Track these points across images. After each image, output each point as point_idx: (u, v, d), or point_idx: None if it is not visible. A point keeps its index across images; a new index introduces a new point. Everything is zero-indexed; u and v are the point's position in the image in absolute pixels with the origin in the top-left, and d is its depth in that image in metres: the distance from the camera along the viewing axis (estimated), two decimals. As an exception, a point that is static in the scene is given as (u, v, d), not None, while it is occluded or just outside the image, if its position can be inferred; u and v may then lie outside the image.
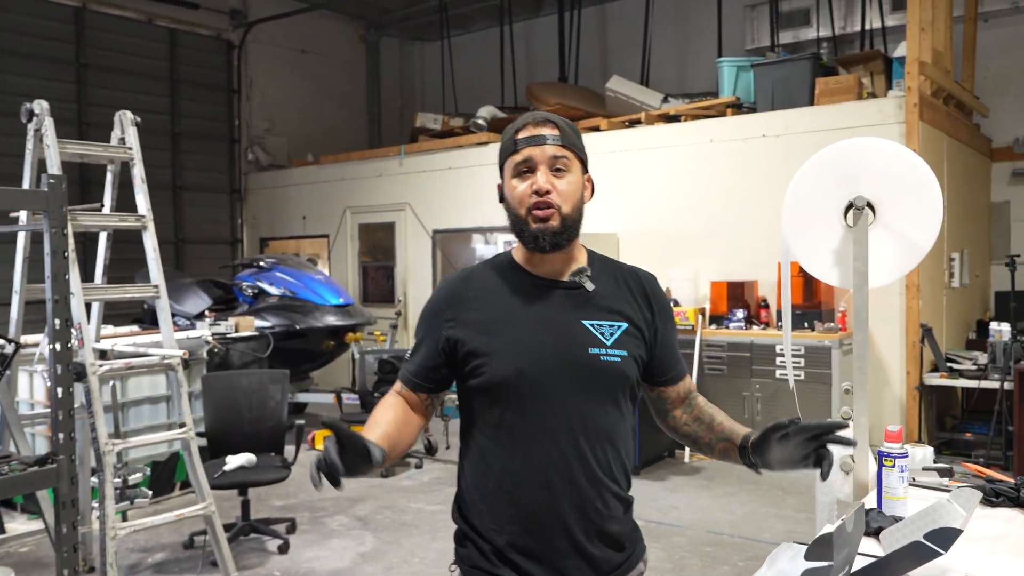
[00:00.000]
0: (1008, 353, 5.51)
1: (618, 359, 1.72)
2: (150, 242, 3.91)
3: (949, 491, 2.36)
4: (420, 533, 5.16)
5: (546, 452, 1.68)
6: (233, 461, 4.79)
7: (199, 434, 4.29)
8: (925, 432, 6.24)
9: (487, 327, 1.73)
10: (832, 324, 6.44)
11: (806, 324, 6.46)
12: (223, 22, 10.93)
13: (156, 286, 3.88)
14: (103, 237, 4.14)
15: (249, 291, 7.87)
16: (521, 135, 1.73)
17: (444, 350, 1.77)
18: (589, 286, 1.76)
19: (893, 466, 2.10)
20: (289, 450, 5.05)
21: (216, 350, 6.22)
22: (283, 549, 4.88)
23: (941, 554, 1.44)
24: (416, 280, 9.51)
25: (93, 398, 3.48)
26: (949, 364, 6.32)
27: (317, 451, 4.95)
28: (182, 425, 3.80)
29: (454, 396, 6.27)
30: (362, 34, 12.56)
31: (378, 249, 10.04)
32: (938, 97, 6.68)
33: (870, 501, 2.30)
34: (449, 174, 9.13)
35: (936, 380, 6.21)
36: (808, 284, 6.61)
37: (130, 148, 3.99)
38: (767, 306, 6.87)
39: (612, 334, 1.73)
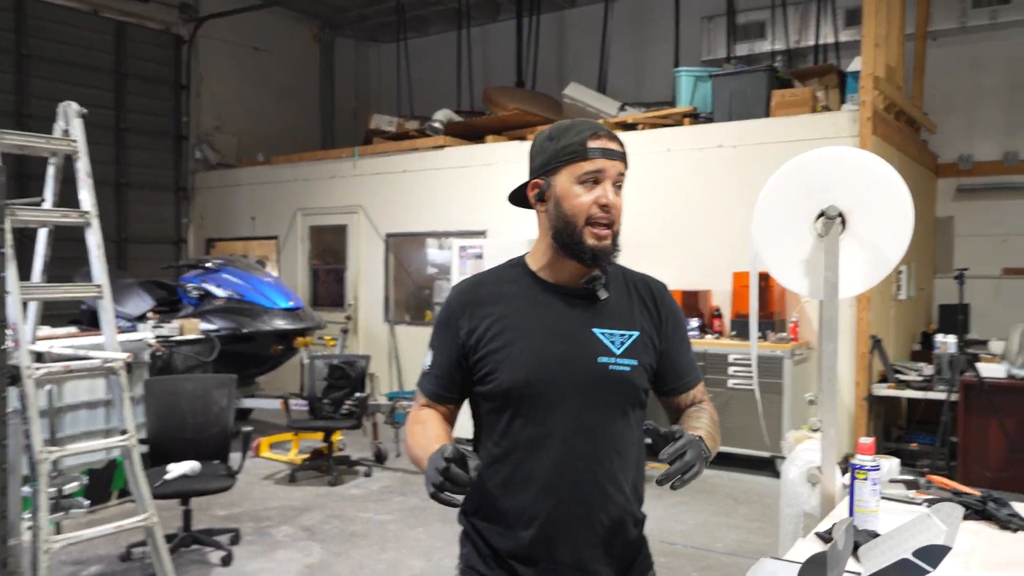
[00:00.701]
0: (954, 365, 5.60)
1: (627, 368, 1.72)
2: (94, 239, 3.73)
3: (917, 503, 2.35)
4: (369, 544, 5.03)
5: (551, 460, 1.68)
6: (175, 469, 4.61)
7: (140, 441, 4.10)
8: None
9: (498, 334, 1.72)
10: (784, 334, 6.48)
11: (759, 334, 6.48)
12: (172, 16, 10.64)
13: (99, 286, 3.70)
14: (43, 234, 3.94)
15: (194, 293, 7.63)
16: (594, 144, 1.68)
17: (460, 357, 1.75)
18: (603, 294, 1.74)
19: (866, 479, 2.07)
20: (235, 457, 4.88)
21: (159, 353, 6.01)
22: (226, 561, 4.71)
23: (929, 572, 1.40)
24: (368, 284, 9.35)
25: (28, 403, 3.28)
26: (896, 375, 6.41)
27: (263, 458, 4.83)
28: (123, 432, 3.61)
29: (405, 403, 6.14)
30: (316, 33, 12.35)
31: (329, 252, 9.85)
32: (890, 112, 6.79)
33: (840, 513, 2.27)
34: (404, 177, 9.00)
35: (884, 391, 6.30)
36: (761, 294, 6.64)
37: (74, 141, 3.80)
38: (720, 315, 6.89)
39: (623, 343, 1.73)
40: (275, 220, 10.12)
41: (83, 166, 3.84)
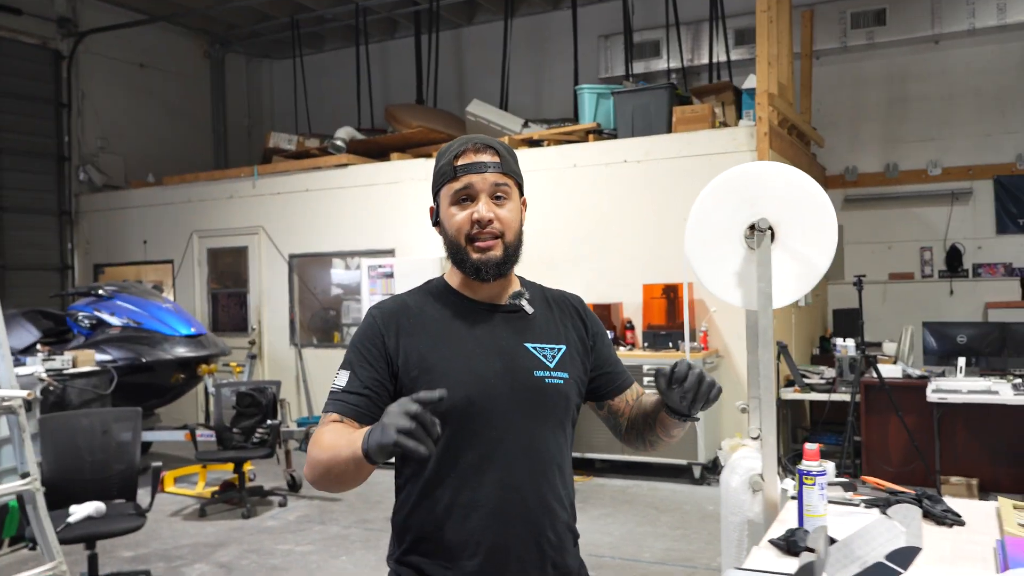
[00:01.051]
0: (857, 368, 5.87)
1: (561, 381, 1.70)
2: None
3: (855, 504, 2.43)
4: (291, 576, 4.85)
5: (496, 481, 1.62)
6: (79, 511, 4.31)
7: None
8: (782, 445, 6.54)
9: (430, 354, 1.65)
10: (695, 343, 6.65)
11: (670, 344, 6.64)
12: (50, 30, 10.10)
13: (-8, 319, 3.45)
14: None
15: (86, 322, 7.23)
16: (461, 161, 1.66)
17: (391, 374, 1.65)
18: (529, 309, 1.74)
19: (813, 484, 2.11)
20: (142, 495, 4.62)
21: (51, 388, 5.65)
22: (138, 605, 4.45)
23: (901, 574, 1.44)
24: (272, 307, 9.07)
25: (-83, 449, 3.02)
26: (802, 379, 6.66)
27: (168, 493, 4.58)
28: (25, 475, 3.36)
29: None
30: (206, 49, 11.96)
31: (229, 275, 9.52)
32: (783, 127, 7.10)
33: (785, 519, 2.32)
34: (306, 196, 8.80)
35: (791, 395, 6.54)
36: (671, 305, 6.81)
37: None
38: (632, 327, 7.01)
39: (554, 356, 1.72)
40: (169, 243, 9.70)
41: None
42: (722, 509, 2.73)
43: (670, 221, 7.02)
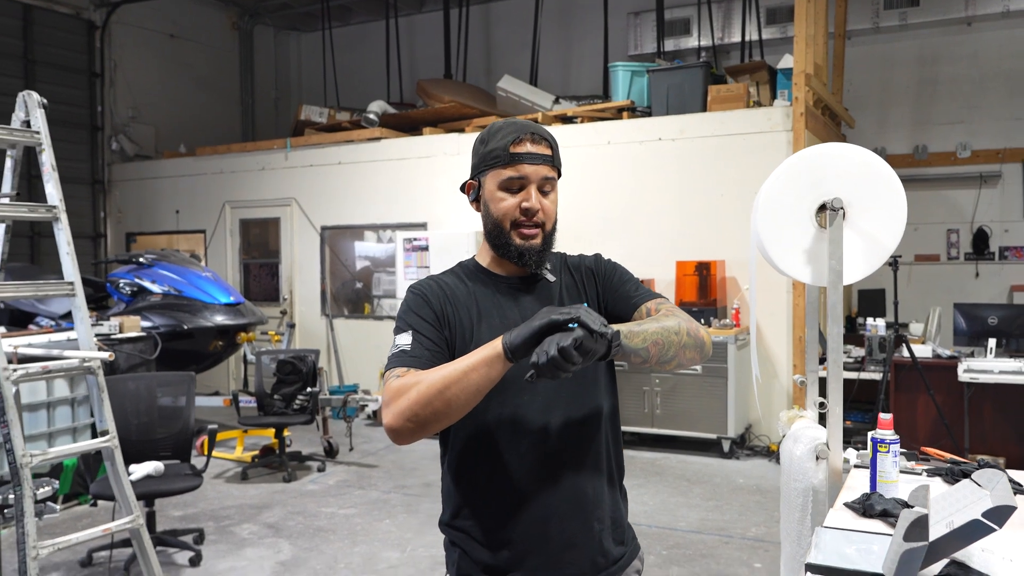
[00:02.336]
0: (888, 347, 5.97)
1: None
2: (63, 235, 3.60)
3: (918, 473, 2.56)
4: (339, 538, 5.01)
5: (533, 443, 1.69)
6: (138, 470, 4.49)
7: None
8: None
9: (466, 327, 1.73)
10: (727, 320, 6.76)
11: (702, 320, 6.75)
12: (83, 0, 10.16)
13: (71, 283, 3.58)
14: (0, 230, 3.77)
15: (127, 289, 7.36)
16: (517, 149, 1.70)
17: (445, 333, 1.71)
18: (550, 277, 1.81)
19: (888, 451, 2.24)
20: (200, 459, 4.78)
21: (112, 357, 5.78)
22: (195, 562, 4.62)
23: (996, 530, 1.55)
24: (303, 278, 9.21)
25: (7, 405, 3.16)
26: (830, 357, 6.76)
27: (205, 457, 4.75)
28: (104, 432, 3.51)
29: (357, 396, 6.15)
30: (235, 21, 12.01)
31: (261, 246, 9.65)
32: (817, 107, 7.15)
33: (852, 485, 2.45)
34: (339, 169, 8.90)
35: (822, 372, 6.63)
36: (703, 283, 6.91)
37: (37, 132, 3.66)
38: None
39: None
40: (201, 213, 9.83)
41: (48, 158, 3.71)
42: (783, 476, 2.84)
43: (704, 199, 7.12)
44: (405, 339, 1.67)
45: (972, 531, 1.58)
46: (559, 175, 1.79)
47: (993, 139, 8.53)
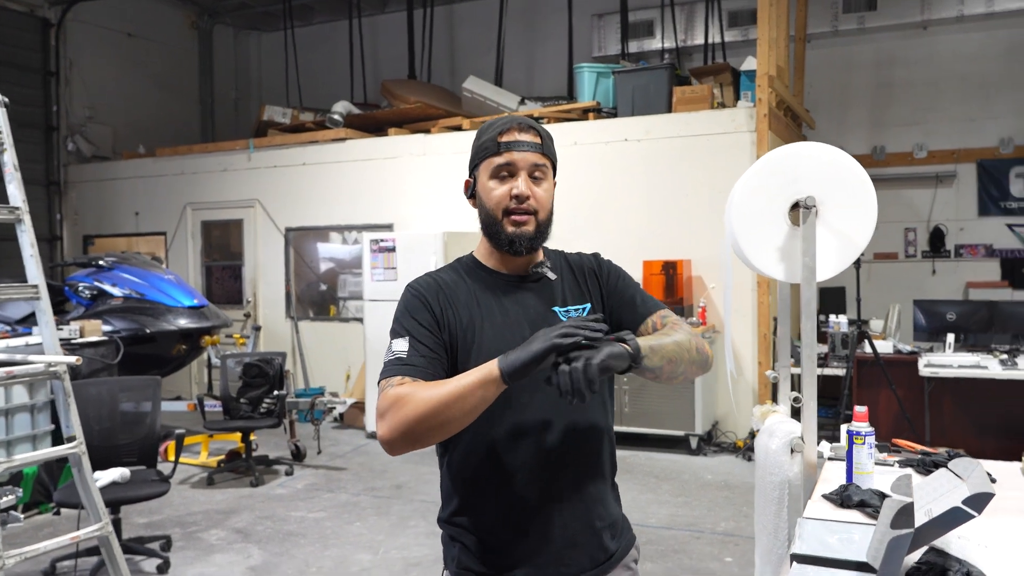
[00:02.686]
0: (851, 343, 6.08)
1: None
2: (27, 237, 3.51)
3: (890, 465, 2.61)
4: (309, 542, 4.96)
5: (534, 442, 1.70)
6: (104, 477, 4.40)
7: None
8: (775, 417, 6.76)
9: (465, 327, 1.72)
10: (694, 319, 6.83)
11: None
12: (38, -2, 9.96)
13: (35, 286, 3.50)
14: (-40, 231, 3.67)
15: (87, 292, 7.21)
16: (505, 138, 1.74)
17: (443, 339, 1.70)
18: (551, 275, 1.81)
19: (863, 443, 2.28)
20: (166, 465, 4.70)
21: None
22: (163, 569, 4.54)
23: (975, 517, 1.59)
24: (267, 280, 9.11)
25: (-30, 412, 3.08)
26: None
27: (170, 462, 4.69)
28: (71, 438, 3.43)
29: (324, 399, 6.09)
30: (194, 20, 11.84)
31: (224, 248, 9.52)
32: (780, 109, 7.26)
33: (828, 477, 2.49)
34: (303, 170, 8.82)
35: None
36: (669, 282, 6.97)
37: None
38: (631, 303, 7.16)
39: (580, 316, 1.79)
40: (161, 215, 9.67)
41: (9, 158, 3.63)
42: (758, 471, 2.88)
43: (670, 199, 7.19)
44: (401, 345, 1.67)
45: (952, 518, 1.62)
46: (554, 167, 1.82)
47: (948, 140, 8.74)
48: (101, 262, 7.35)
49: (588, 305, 1.82)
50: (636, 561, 1.91)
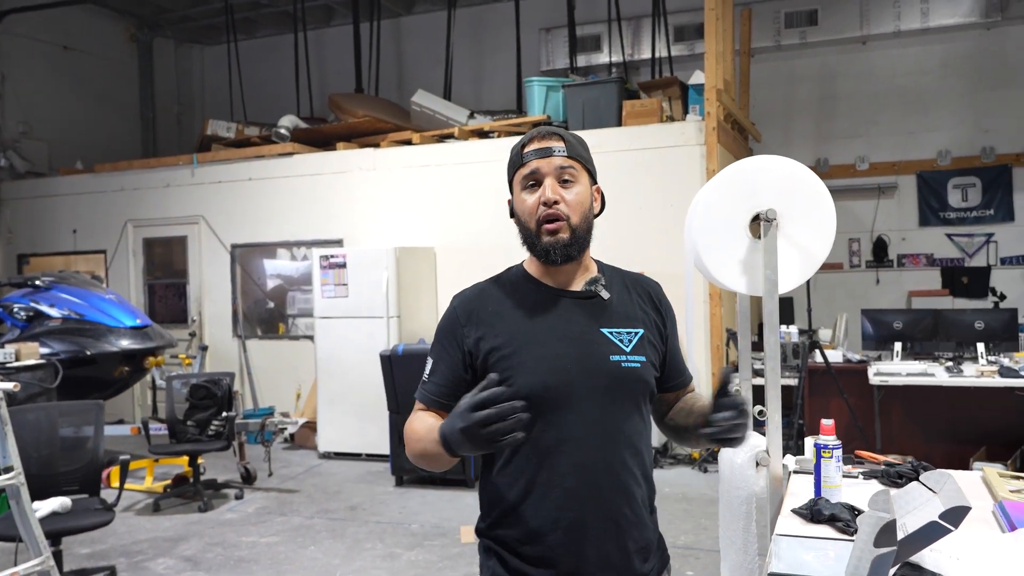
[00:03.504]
0: (802, 353, 6.15)
1: (638, 364, 1.74)
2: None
3: (854, 476, 2.61)
4: (262, 568, 4.82)
5: (573, 462, 1.69)
6: (43, 507, 4.19)
7: None
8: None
9: (509, 342, 1.71)
10: (648, 331, 6.84)
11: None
12: (-32, 9, 9.61)
13: (-31, 309, 3.33)
14: None
15: (22, 314, 6.94)
16: (528, 148, 1.75)
17: (468, 364, 1.74)
18: (605, 295, 1.78)
19: (831, 456, 2.28)
20: (110, 492, 4.52)
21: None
22: (108, 602, 4.36)
23: (952, 531, 1.59)
24: (213, 298, 8.88)
25: (-101, 444, 2.90)
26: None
27: (113, 489, 4.52)
28: (8, 469, 3.27)
29: (275, 420, 5.95)
30: (133, 32, 11.56)
31: (167, 265, 9.27)
32: (727, 122, 7.35)
33: (796, 491, 2.48)
34: (249, 185, 8.64)
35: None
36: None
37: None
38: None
39: (631, 340, 1.76)
40: (101, 233, 9.37)
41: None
42: (722, 485, 2.87)
43: (622, 212, 7.20)
44: (429, 366, 1.80)
45: (929, 533, 1.61)
46: (589, 171, 1.80)
47: (890, 152, 8.96)
48: (37, 282, 7.09)
49: (641, 331, 1.78)
50: None
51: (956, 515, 1.60)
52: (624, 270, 1.92)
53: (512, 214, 1.81)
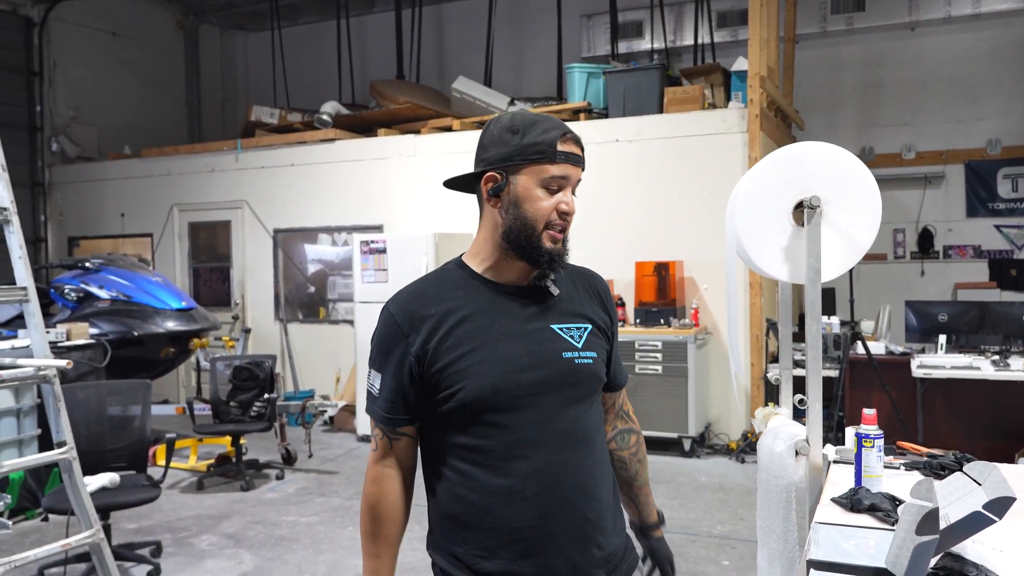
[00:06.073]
0: (844, 344, 6.08)
1: (590, 360, 1.68)
2: (15, 239, 3.46)
3: (896, 467, 2.59)
4: (302, 547, 4.91)
5: (529, 467, 1.60)
6: (93, 482, 4.32)
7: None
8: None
9: (454, 345, 1.61)
10: (687, 320, 6.82)
11: (662, 321, 6.79)
12: (21, -4, 9.83)
13: (24, 288, 3.44)
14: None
15: (73, 295, 7.11)
16: (563, 147, 1.62)
17: (413, 376, 1.63)
18: (554, 290, 1.70)
19: (872, 446, 2.26)
20: (156, 470, 4.64)
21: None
22: (154, 575, 4.47)
23: (997, 522, 1.57)
24: (256, 282, 9.02)
25: (-42, 418, 3.01)
26: (787, 355, 6.88)
27: (159, 466, 4.64)
28: (61, 444, 3.37)
29: (315, 402, 6.01)
30: (179, 19, 11.74)
31: (211, 249, 9.43)
32: (770, 109, 7.26)
33: (836, 480, 2.47)
34: (292, 171, 8.75)
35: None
36: (661, 283, 6.96)
37: (-14, 131, 3.50)
38: (623, 304, 7.15)
39: (581, 336, 1.69)
40: (148, 217, 9.56)
41: (-1, 159, 3.55)
42: (761, 474, 2.86)
43: (662, 200, 7.18)
44: (375, 380, 1.69)
45: (973, 523, 1.60)
46: None
47: (936, 141, 8.78)
48: (87, 264, 7.26)
49: (589, 326, 1.71)
50: None
51: (1001, 505, 1.58)
52: (572, 264, 1.79)
53: (496, 194, 1.65)
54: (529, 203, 1.62)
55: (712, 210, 6.74)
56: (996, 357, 5.86)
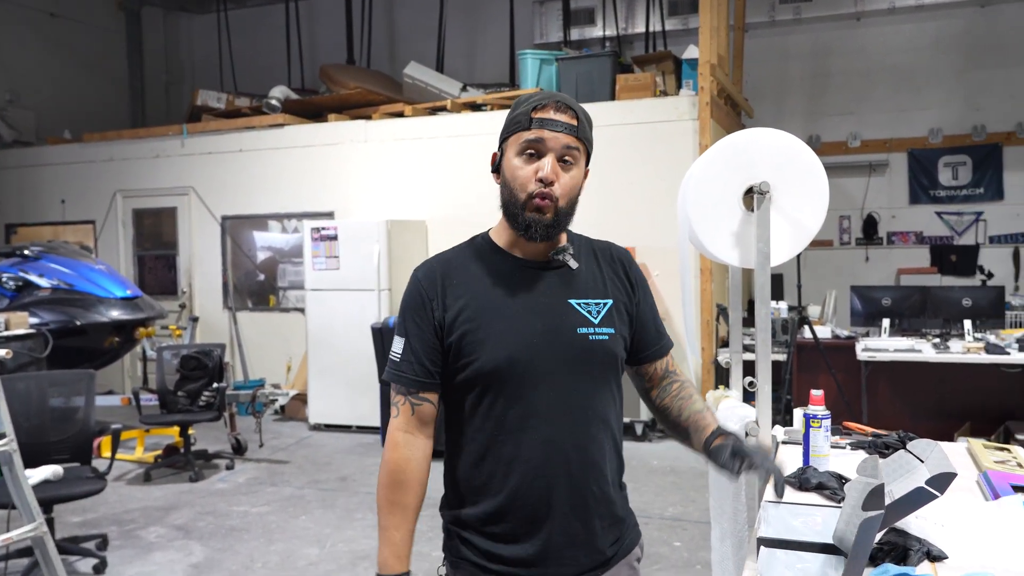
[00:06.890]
0: (791, 329, 6.20)
1: (606, 337, 1.70)
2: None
3: (842, 447, 2.65)
4: (253, 537, 4.85)
5: (540, 438, 1.65)
6: (35, 475, 4.21)
7: None
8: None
9: (473, 315, 1.66)
10: (638, 306, 6.87)
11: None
12: (-48, -26, 9.47)
13: (-41, 276, 3.31)
14: None
15: (11, 284, 6.90)
16: (539, 114, 1.63)
17: (436, 339, 1.68)
18: (573, 264, 1.72)
19: (819, 426, 2.31)
20: (101, 462, 4.53)
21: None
22: (99, 569, 4.38)
23: (938, 497, 1.61)
24: (203, 270, 8.86)
25: None
26: (735, 340, 6.98)
27: (104, 458, 4.53)
28: (1, 436, 3.27)
29: (266, 391, 5.96)
30: (121, 1, 11.41)
31: (156, 237, 9.22)
32: (720, 97, 7.34)
33: (786, 460, 2.51)
34: (240, 156, 8.59)
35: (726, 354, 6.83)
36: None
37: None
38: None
39: (599, 312, 1.72)
40: (90, 203, 9.31)
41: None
42: (712, 455, 2.90)
43: (613, 187, 7.21)
44: (398, 345, 1.71)
45: (916, 499, 1.64)
46: (588, 153, 1.71)
47: (881, 130, 8.96)
48: (26, 251, 7.06)
49: (610, 301, 1.73)
50: (639, 560, 1.87)
51: (942, 481, 1.62)
52: (593, 239, 1.84)
53: (496, 169, 1.71)
54: (510, 172, 1.66)
55: (665, 196, 6.79)
56: (937, 340, 6.04)
